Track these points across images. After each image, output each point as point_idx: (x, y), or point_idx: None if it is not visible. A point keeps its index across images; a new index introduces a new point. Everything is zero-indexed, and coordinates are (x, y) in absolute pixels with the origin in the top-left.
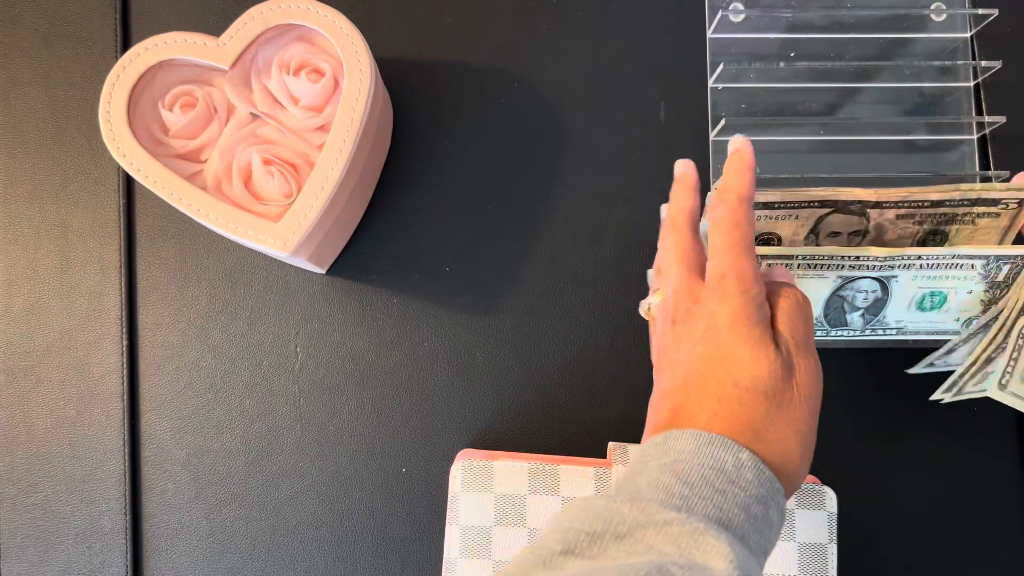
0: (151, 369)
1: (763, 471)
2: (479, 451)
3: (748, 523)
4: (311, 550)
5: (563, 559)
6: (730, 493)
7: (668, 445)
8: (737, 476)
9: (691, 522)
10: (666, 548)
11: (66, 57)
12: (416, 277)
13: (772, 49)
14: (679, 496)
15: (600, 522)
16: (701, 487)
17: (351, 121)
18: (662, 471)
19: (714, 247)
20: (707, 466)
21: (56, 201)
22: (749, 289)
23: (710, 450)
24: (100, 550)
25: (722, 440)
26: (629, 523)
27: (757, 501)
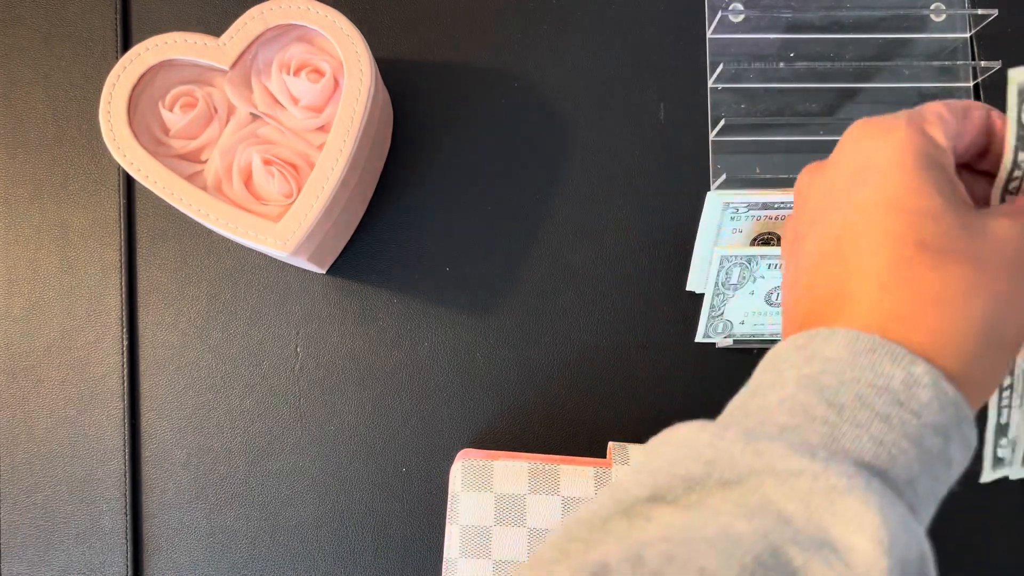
0: (151, 369)
1: (945, 390)
2: (479, 451)
3: (918, 463)
4: (311, 550)
5: (649, 507)
6: (896, 420)
7: (813, 349)
8: (908, 397)
9: (829, 477)
10: (789, 507)
11: (66, 57)
12: (416, 277)
13: (772, 49)
14: (823, 421)
15: (701, 464)
16: (856, 411)
17: (351, 121)
18: (800, 386)
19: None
20: (866, 382)
21: (56, 201)
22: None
23: (870, 360)
24: (100, 550)
25: (888, 347)
26: (741, 469)
27: (935, 431)
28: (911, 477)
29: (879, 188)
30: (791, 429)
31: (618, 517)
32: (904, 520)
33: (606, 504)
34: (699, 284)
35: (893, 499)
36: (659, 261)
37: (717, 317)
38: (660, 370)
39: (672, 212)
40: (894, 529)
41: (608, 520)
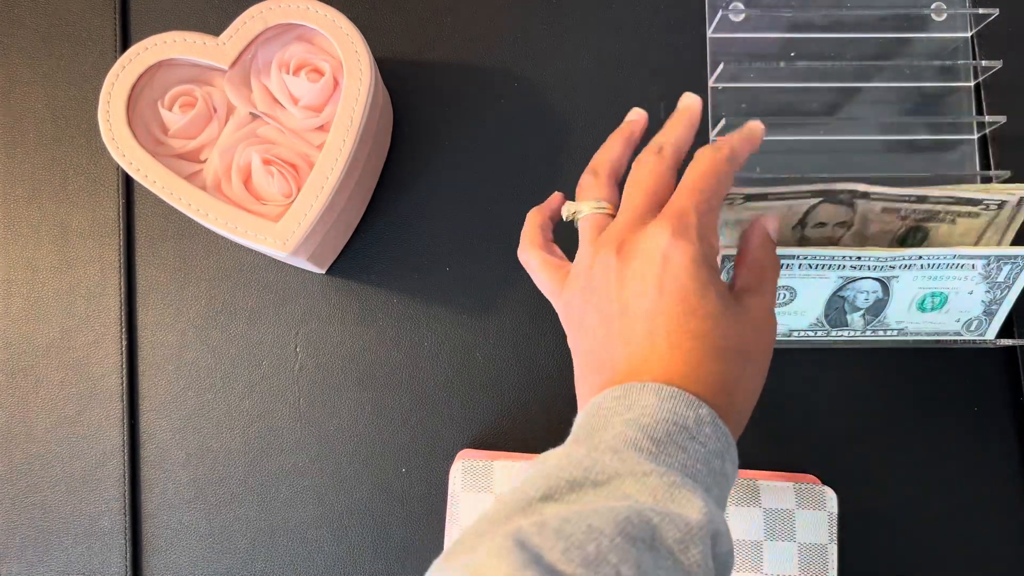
0: (151, 369)
1: (720, 426)
2: (479, 451)
3: (710, 477)
4: (311, 550)
5: (542, 504)
6: (691, 449)
7: (631, 400)
8: (698, 432)
9: (668, 475)
10: (643, 498)
11: (66, 57)
12: (416, 277)
13: (772, 49)
14: (647, 452)
15: (580, 470)
16: (667, 444)
17: (351, 121)
18: (627, 426)
19: (687, 185)
20: (671, 422)
21: (55, 201)
22: (708, 238)
23: (672, 405)
24: (100, 550)
25: (683, 396)
26: (609, 472)
27: (715, 455)
28: (707, 487)
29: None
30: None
31: (517, 514)
32: (714, 507)
33: (508, 503)
34: None
35: (705, 492)
36: None
37: None
38: None
39: None
40: (711, 507)
41: (510, 516)
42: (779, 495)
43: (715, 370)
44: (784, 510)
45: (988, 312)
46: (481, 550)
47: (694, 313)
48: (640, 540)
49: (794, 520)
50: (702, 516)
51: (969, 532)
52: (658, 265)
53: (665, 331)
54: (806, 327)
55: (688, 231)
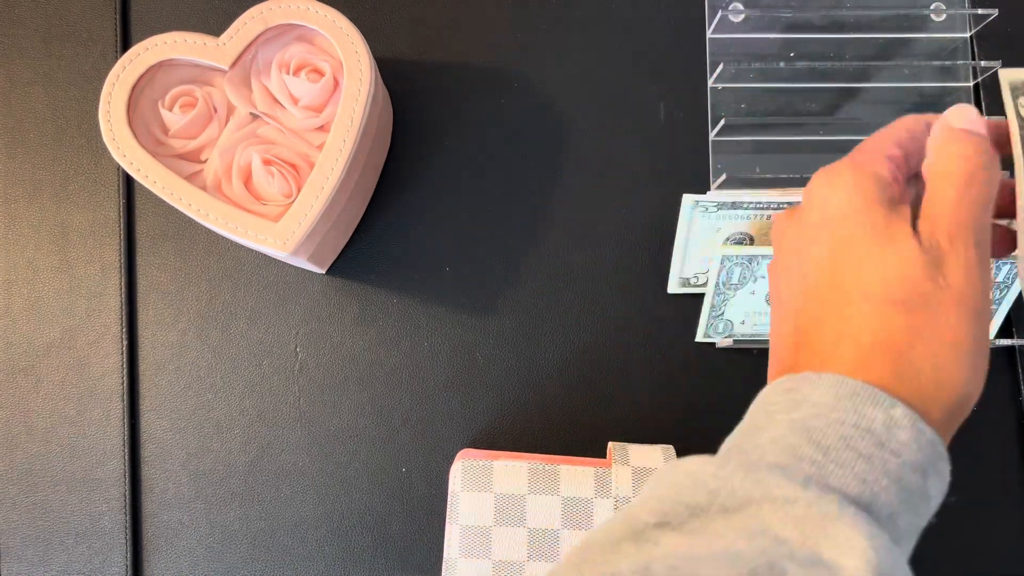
0: (151, 369)
1: (923, 431)
2: (479, 451)
3: (899, 498)
4: (311, 550)
5: (658, 532)
6: (878, 460)
7: (801, 394)
8: (888, 437)
9: (821, 504)
10: (785, 532)
11: (66, 57)
12: (416, 277)
13: (772, 49)
14: (810, 462)
15: (705, 493)
16: (840, 451)
17: (351, 121)
18: (792, 429)
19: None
20: (849, 424)
21: (56, 201)
22: (864, 162)
23: (853, 404)
24: (100, 549)
25: (870, 391)
26: (740, 497)
27: (913, 470)
28: (892, 512)
29: (842, 242)
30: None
31: (628, 541)
32: (889, 548)
33: (617, 529)
34: (676, 286)
35: (879, 529)
36: (659, 261)
37: (718, 317)
38: (660, 370)
39: (672, 212)
40: (881, 552)
41: (619, 543)
42: None
43: (899, 337)
44: None
45: None
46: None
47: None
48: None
49: None
50: (864, 566)
51: (969, 531)
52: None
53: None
54: None
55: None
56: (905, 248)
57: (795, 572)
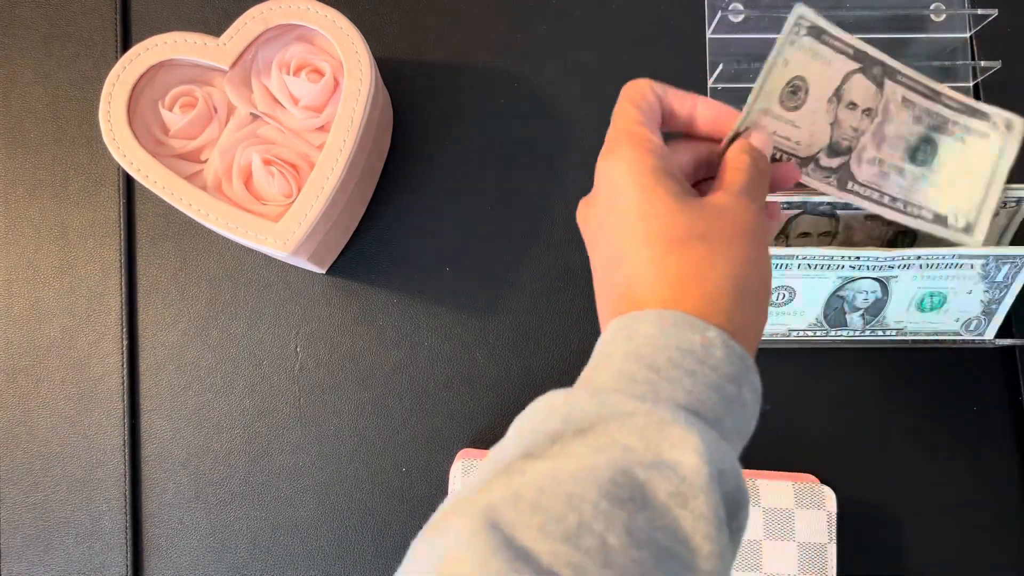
0: (151, 369)
1: (733, 347)
2: (479, 451)
3: (721, 405)
4: (311, 550)
5: (523, 463)
6: (700, 375)
7: (632, 329)
8: (706, 356)
9: (657, 411)
10: (631, 441)
11: (66, 57)
12: (416, 277)
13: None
14: (644, 382)
15: (558, 419)
16: (668, 370)
17: (351, 121)
18: (626, 359)
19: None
20: (673, 347)
21: (56, 201)
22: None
23: (676, 331)
24: (100, 550)
25: (687, 319)
26: (591, 418)
27: (729, 380)
28: (717, 417)
29: (627, 207)
30: (623, 390)
31: (498, 476)
32: (716, 441)
33: (487, 468)
34: None
35: (706, 428)
36: None
37: None
38: None
39: None
40: (710, 446)
41: (490, 481)
42: (778, 494)
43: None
44: (783, 510)
45: (987, 312)
46: (451, 532)
47: (646, 215)
48: (629, 501)
49: (793, 520)
50: (698, 459)
51: (968, 531)
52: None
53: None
54: (805, 327)
55: (614, 144)
56: (673, 200)
57: (643, 473)
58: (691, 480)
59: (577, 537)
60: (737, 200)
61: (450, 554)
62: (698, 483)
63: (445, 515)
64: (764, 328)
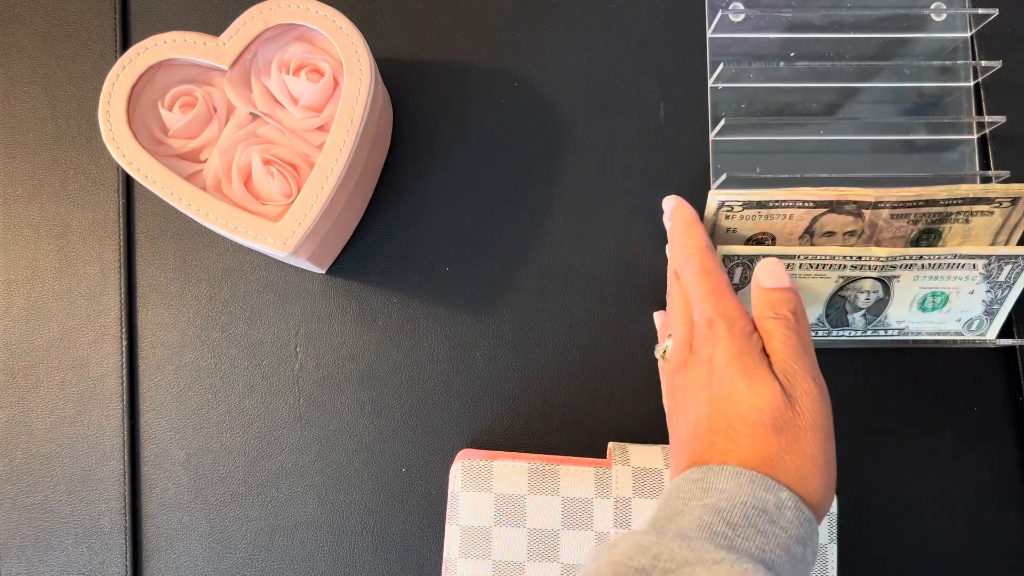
0: (151, 369)
1: (803, 511)
2: (479, 451)
3: (788, 564)
4: (311, 550)
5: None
6: (771, 534)
7: (708, 483)
8: (778, 516)
9: (740, 562)
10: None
11: (66, 57)
12: (416, 277)
13: (772, 49)
14: (723, 536)
15: (649, 557)
16: (744, 528)
17: (351, 121)
18: (704, 511)
19: (694, 297)
20: (749, 505)
21: (55, 201)
22: (736, 325)
23: (751, 489)
24: (100, 550)
25: (763, 479)
26: (678, 560)
27: (797, 541)
28: (781, 573)
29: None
30: (704, 539)
31: None
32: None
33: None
34: None
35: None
36: (659, 261)
37: None
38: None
39: None
40: None
41: None
42: None
43: (772, 452)
44: None
45: (989, 312)
46: None
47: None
48: None
49: None
50: None
51: (969, 532)
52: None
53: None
54: None
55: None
56: (770, 385)
57: None
58: None
59: None
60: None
61: None
62: None
63: None
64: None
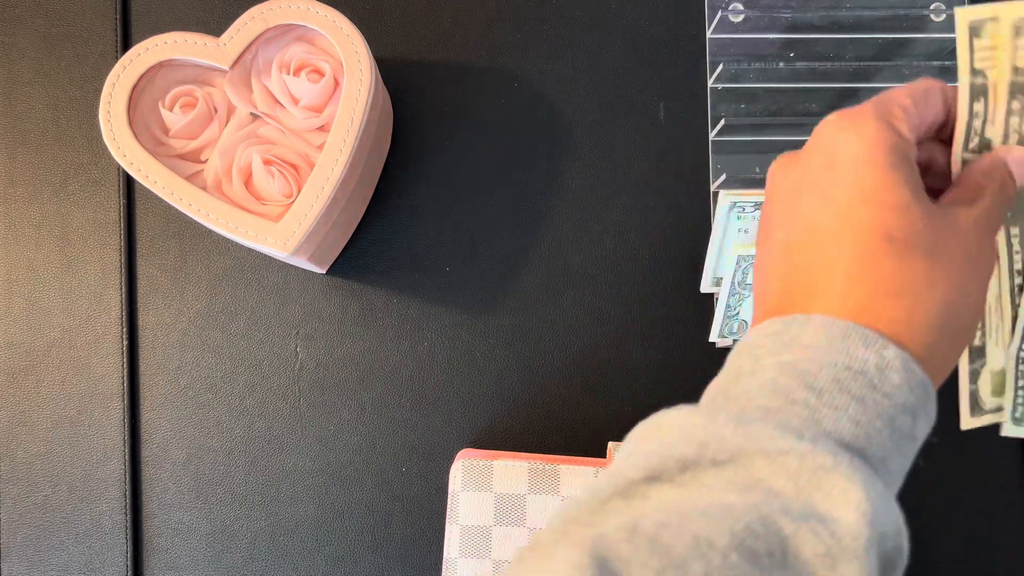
0: (151, 369)
1: (915, 372)
2: (479, 451)
3: (891, 441)
4: (311, 550)
5: (647, 487)
6: (871, 402)
7: (791, 335)
8: (881, 379)
9: (815, 456)
10: (779, 484)
11: (66, 57)
12: (416, 277)
13: (772, 49)
14: (803, 404)
15: (694, 446)
16: (834, 394)
17: (351, 121)
18: (782, 371)
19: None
20: (841, 365)
21: (56, 201)
22: (886, 114)
23: (845, 346)
24: (100, 550)
25: (862, 332)
26: (731, 449)
27: (904, 411)
28: (885, 455)
29: (850, 182)
30: (773, 411)
31: (616, 498)
32: (884, 496)
33: (604, 487)
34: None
35: (873, 477)
36: (659, 261)
37: (732, 317)
38: (660, 370)
39: (672, 212)
40: (876, 504)
41: (607, 501)
42: None
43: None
44: None
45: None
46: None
47: (872, 201)
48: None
49: None
50: (860, 518)
51: (969, 532)
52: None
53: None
54: None
55: (859, 116)
56: (910, 196)
57: (789, 526)
58: (847, 543)
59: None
60: (976, 223)
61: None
62: (854, 548)
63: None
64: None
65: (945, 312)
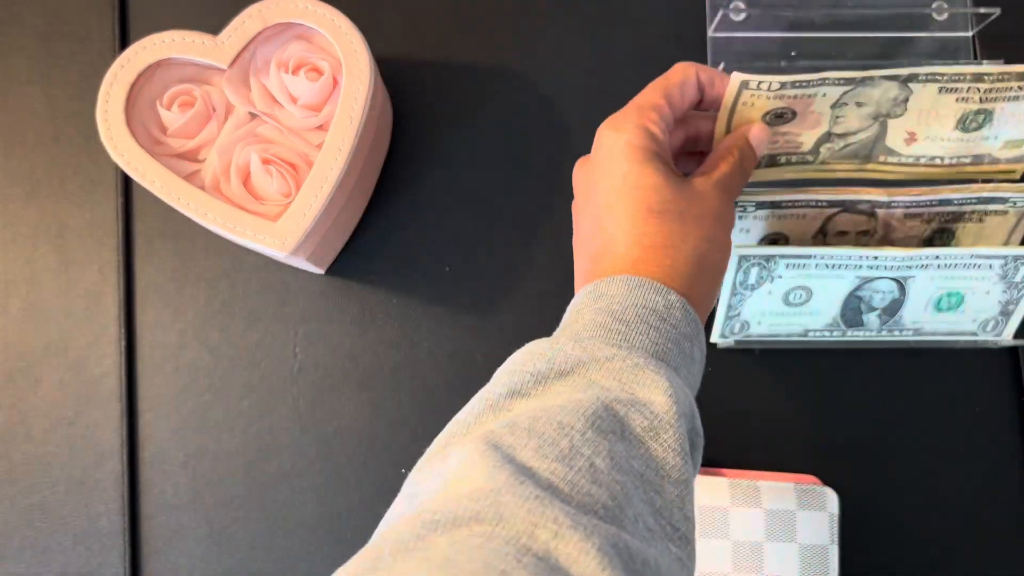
0: (149, 370)
1: (689, 311)
2: None
3: (679, 357)
4: (310, 550)
5: (510, 400)
6: (663, 330)
7: (600, 291)
8: (668, 315)
9: (631, 357)
10: (608, 383)
11: (64, 56)
12: (416, 277)
13: (773, 48)
14: (617, 333)
15: (544, 361)
16: (637, 324)
17: (350, 120)
18: (598, 313)
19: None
20: (640, 305)
21: (54, 201)
22: (649, 123)
23: (641, 292)
24: (98, 551)
25: (651, 283)
26: (572, 361)
27: (685, 338)
28: (677, 366)
29: (620, 174)
30: (598, 336)
31: (487, 412)
32: (681, 387)
33: (475, 406)
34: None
35: (672, 373)
36: None
37: (734, 317)
38: None
39: None
40: (677, 390)
41: (480, 415)
42: (780, 496)
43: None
44: (785, 511)
45: (1005, 312)
46: (454, 456)
47: (636, 185)
48: (610, 432)
49: (795, 521)
50: (667, 399)
51: (971, 532)
52: (599, 158)
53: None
54: (822, 327)
55: (622, 121)
56: (661, 178)
57: (622, 410)
58: (662, 416)
59: (570, 458)
60: (714, 188)
61: (457, 471)
62: (667, 419)
63: (441, 447)
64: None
65: (698, 256)
